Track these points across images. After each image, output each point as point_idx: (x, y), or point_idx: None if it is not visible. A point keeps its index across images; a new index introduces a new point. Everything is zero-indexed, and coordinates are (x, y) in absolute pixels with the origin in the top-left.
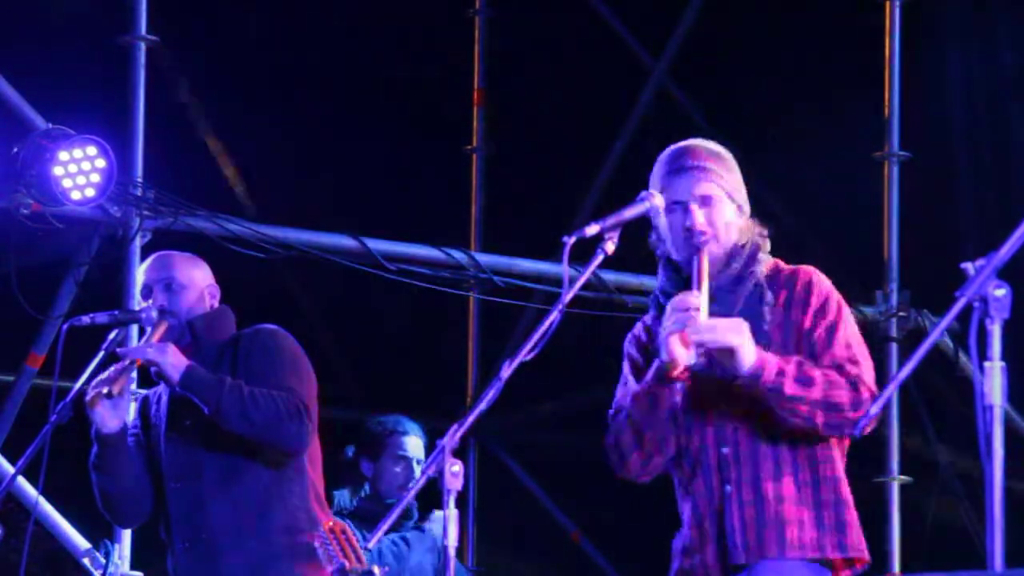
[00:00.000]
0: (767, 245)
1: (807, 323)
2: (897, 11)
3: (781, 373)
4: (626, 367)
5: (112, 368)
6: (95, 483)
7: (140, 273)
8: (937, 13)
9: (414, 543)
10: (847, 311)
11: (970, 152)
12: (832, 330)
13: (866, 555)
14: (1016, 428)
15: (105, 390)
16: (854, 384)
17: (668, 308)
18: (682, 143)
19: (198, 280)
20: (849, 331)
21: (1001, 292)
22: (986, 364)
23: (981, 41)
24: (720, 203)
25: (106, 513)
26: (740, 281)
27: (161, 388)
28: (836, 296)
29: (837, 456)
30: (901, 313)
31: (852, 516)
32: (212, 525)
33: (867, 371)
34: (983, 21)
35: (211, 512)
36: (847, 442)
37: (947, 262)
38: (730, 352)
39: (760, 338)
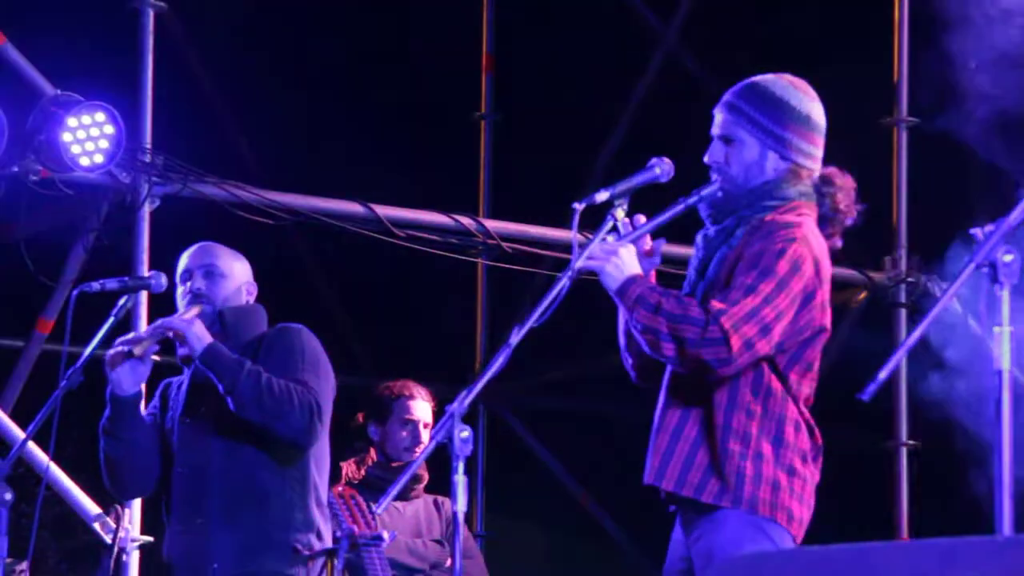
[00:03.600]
0: (795, 191)
1: (738, 261)
2: None
3: (640, 299)
4: None
5: (142, 331)
6: (101, 447)
7: (183, 258)
8: None
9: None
10: (782, 266)
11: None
12: (746, 270)
13: (762, 508)
14: None
15: (128, 349)
16: (707, 321)
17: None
18: (752, 79)
19: (238, 273)
20: (760, 282)
21: (1010, 257)
22: (995, 329)
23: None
24: (741, 143)
25: (107, 479)
26: (727, 215)
27: (184, 376)
28: (784, 248)
29: (744, 400)
30: (910, 279)
31: (734, 465)
32: (210, 511)
33: (736, 313)
34: None
35: (211, 499)
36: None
37: (956, 228)
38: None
39: (703, 277)
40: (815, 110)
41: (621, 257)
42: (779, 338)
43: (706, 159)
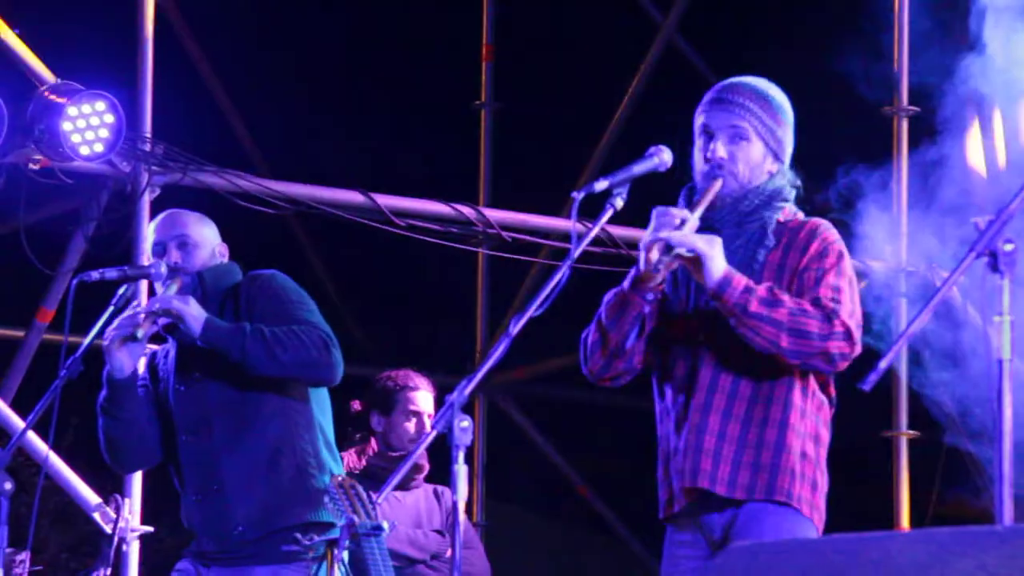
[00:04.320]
0: (792, 195)
1: (802, 264)
2: None
3: (748, 290)
4: None
5: (139, 312)
6: (101, 427)
7: (151, 231)
8: None
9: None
10: (847, 263)
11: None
12: (823, 272)
13: (800, 505)
14: None
15: (131, 332)
16: (828, 316)
17: (652, 216)
18: (737, 78)
19: (210, 238)
20: (842, 279)
21: (1010, 247)
22: (995, 318)
23: None
24: (749, 142)
25: (108, 457)
26: (747, 220)
27: (169, 344)
28: (839, 247)
29: (797, 401)
30: (910, 268)
31: (791, 462)
32: (223, 477)
33: (847, 310)
34: None
35: (223, 464)
36: (822, 391)
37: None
38: (699, 262)
39: (750, 277)
40: (792, 113)
41: (718, 246)
42: None
43: (709, 154)
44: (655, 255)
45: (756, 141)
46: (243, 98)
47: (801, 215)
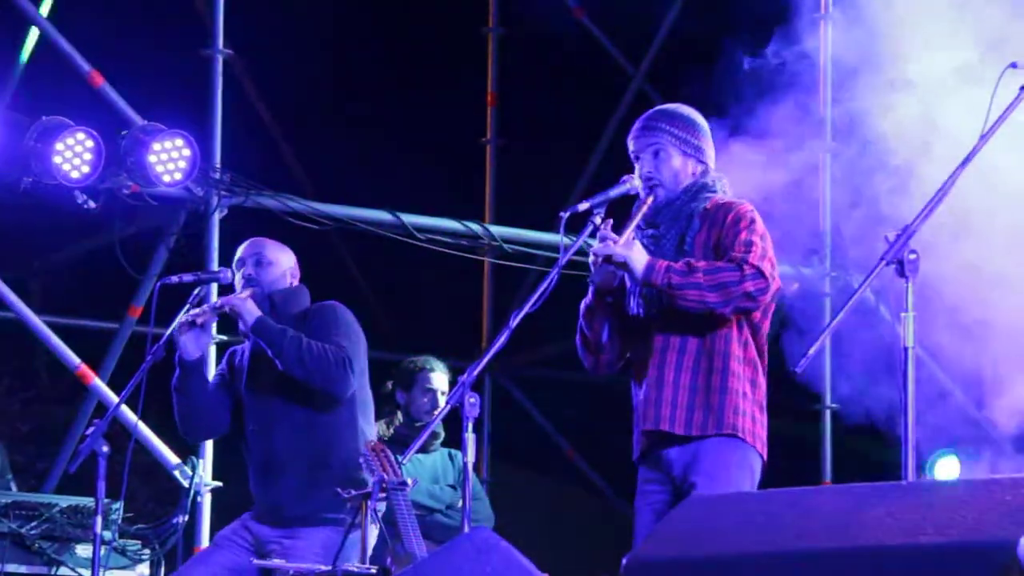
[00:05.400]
0: (719, 186)
1: (721, 236)
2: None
3: (669, 270)
4: None
5: (204, 306)
6: (175, 402)
7: (239, 250)
8: None
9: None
10: (759, 224)
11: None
12: (736, 234)
13: (744, 435)
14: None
15: (193, 319)
16: (738, 264)
17: (597, 237)
18: (652, 109)
19: (283, 261)
20: (753, 235)
21: (913, 256)
22: (902, 314)
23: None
24: (667, 154)
25: (181, 427)
26: (680, 214)
27: (245, 345)
28: (751, 215)
29: (735, 351)
30: (833, 273)
31: (734, 401)
32: (277, 462)
33: (756, 255)
34: None
35: (281, 455)
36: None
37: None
38: (626, 264)
39: (685, 254)
40: (707, 125)
41: (638, 248)
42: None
43: (643, 174)
44: (594, 271)
45: (674, 153)
46: (294, 135)
47: (727, 198)
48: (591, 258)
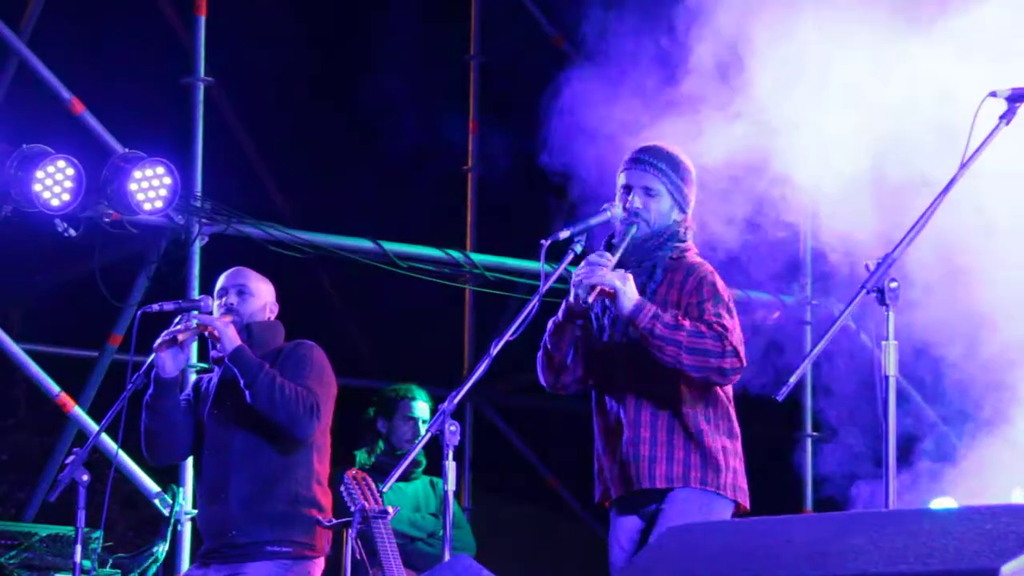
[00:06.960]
0: (688, 236)
1: (681, 299)
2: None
3: (656, 316)
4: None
5: (185, 323)
6: (143, 421)
7: (221, 279)
8: None
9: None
10: (722, 291)
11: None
12: (702, 302)
13: (725, 490)
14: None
15: (172, 336)
16: (720, 337)
17: (583, 261)
18: (652, 143)
19: (264, 293)
20: (720, 307)
21: (894, 284)
22: (883, 343)
23: None
24: (660, 196)
25: (145, 449)
26: (646, 259)
27: (214, 374)
28: (712, 279)
29: (710, 407)
30: (814, 301)
31: (714, 456)
32: (231, 490)
33: (735, 334)
34: None
35: (232, 480)
36: (725, 395)
37: (852, 261)
38: (615, 296)
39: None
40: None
41: (631, 283)
42: None
43: (628, 205)
44: (583, 292)
45: (665, 196)
46: (275, 164)
47: (692, 254)
48: (578, 272)
